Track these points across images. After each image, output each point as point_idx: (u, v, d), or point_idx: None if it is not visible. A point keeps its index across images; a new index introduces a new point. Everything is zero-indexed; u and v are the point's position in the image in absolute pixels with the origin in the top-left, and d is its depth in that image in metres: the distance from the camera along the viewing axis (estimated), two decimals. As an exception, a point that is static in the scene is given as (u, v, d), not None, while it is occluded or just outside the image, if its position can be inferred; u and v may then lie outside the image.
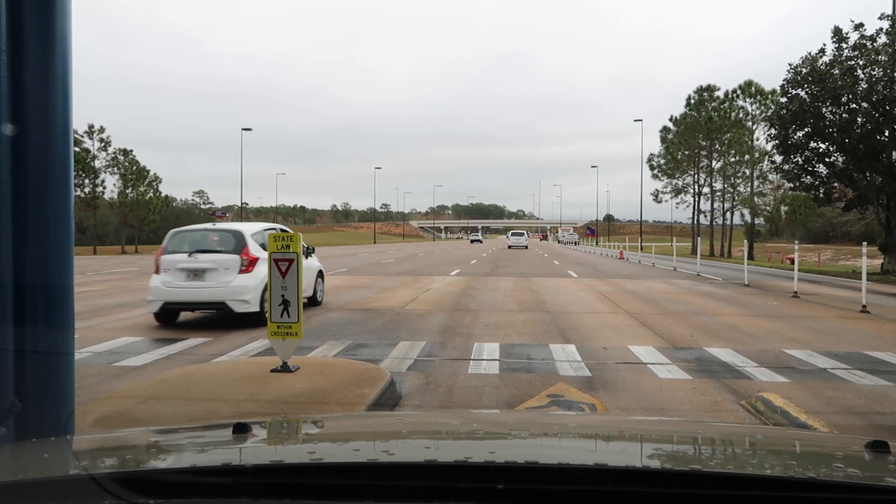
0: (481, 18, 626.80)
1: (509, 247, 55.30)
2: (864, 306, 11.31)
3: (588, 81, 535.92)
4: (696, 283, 17.57)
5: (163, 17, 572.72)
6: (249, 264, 9.18)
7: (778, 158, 24.22)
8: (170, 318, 9.44)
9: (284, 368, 5.37)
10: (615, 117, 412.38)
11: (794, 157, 22.94)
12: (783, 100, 22.44)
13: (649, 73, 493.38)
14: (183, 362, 6.51)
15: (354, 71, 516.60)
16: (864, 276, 12.21)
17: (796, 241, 15.20)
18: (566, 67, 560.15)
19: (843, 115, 20.93)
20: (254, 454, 1.40)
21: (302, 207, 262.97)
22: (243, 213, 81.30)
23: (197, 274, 9.10)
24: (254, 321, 8.92)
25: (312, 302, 11.18)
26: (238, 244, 9.36)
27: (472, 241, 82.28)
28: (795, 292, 14.03)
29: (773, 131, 23.16)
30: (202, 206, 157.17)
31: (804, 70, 21.30)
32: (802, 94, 21.47)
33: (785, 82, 21.87)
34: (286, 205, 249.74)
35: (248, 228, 9.85)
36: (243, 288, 9.01)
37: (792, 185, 25.12)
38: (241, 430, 1.41)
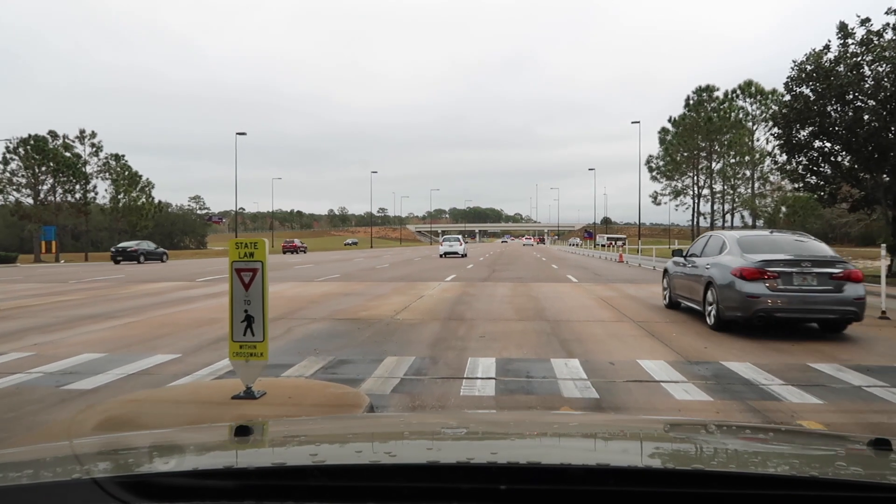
0: (483, 21, 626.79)
1: (524, 245, 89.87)
2: (883, 312, 10.67)
3: (589, 83, 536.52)
4: (701, 287, 16.94)
5: (165, 23, 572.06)
6: (461, 244, 42.51)
7: (781, 158, 23.60)
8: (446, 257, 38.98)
9: (248, 394, 4.68)
10: (615, 120, 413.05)
11: (799, 157, 22.33)
12: (787, 98, 21.82)
13: (651, 74, 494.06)
14: (141, 384, 5.81)
15: (356, 75, 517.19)
16: (883, 279, 11.57)
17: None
18: (567, 70, 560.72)
19: (849, 113, 20.33)
20: (255, 456, 1.39)
21: (299, 212, 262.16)
22: (241, 217, 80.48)
23: (451, 245, 41.26)
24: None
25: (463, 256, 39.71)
26: (461, 240, 43.82)
27: (502, 242, 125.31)
28: (807, 297, 13.34)
29: (776, 130, 22.54)
30: (199, 212, 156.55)
31: (808, 67, 20.70)
32: (807, 91, 20.87)
33: (789, 79, 21.25)
34: (283, 209, 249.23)
35: (460, 237, 44.74)
36: (462, 248, 42.32)
37: (796, 185, 24.48)
38: (243, 432, 1.42)
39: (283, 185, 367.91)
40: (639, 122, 53.82)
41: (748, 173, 41.16)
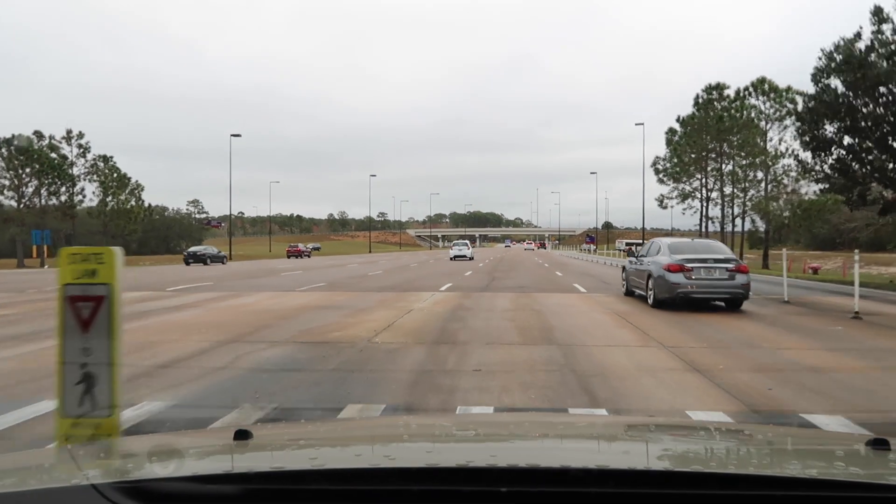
0: (484, 23, 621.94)
1: (525, 249, 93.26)
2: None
3: (590, 86, 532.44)
4: (726, 299, 15.06)
5: (165, 24, 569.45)
6: (468, 249, 48.38)
7: (805, 156, 21.79)
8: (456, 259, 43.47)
9: None
10: (616, 124, 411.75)
11: (824, 156, 20.52)
12: (813, 90, 19.98)
13: (653, 77, 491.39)
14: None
15: (357, 78, 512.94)
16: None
17: (856, 251, 12.74)
18: (568, 73, 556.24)
19: (882, 107, 18.53)
20: (256, 460, 1.38)
21: (298, 216, 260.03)
22: (240, 222, 78.80)
23: (460, 249, 46.88)
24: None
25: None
26: (468, 245, 50.25)
27: (506, 247, 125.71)
28: (857, 312, 11.54)
29: (800, 126, 20.75)
30: (197, 216, 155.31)
31: (839, 56, 18.91)
32: (836, 83, 19.08)
33: (816, 70, 19.47)
34: (283, 213, 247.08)
35: (468, 243, 52.36)
36: (470, 252, 47.57)
37: (821, 187, 22.66)
38: (243, 436, 1.41)
39: (283, 190, 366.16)
40: (643, 123, 52.21)
41: (760, 175, 39.20)
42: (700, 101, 41.55)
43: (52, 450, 1.62)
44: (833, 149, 19.72)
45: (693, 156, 43.06)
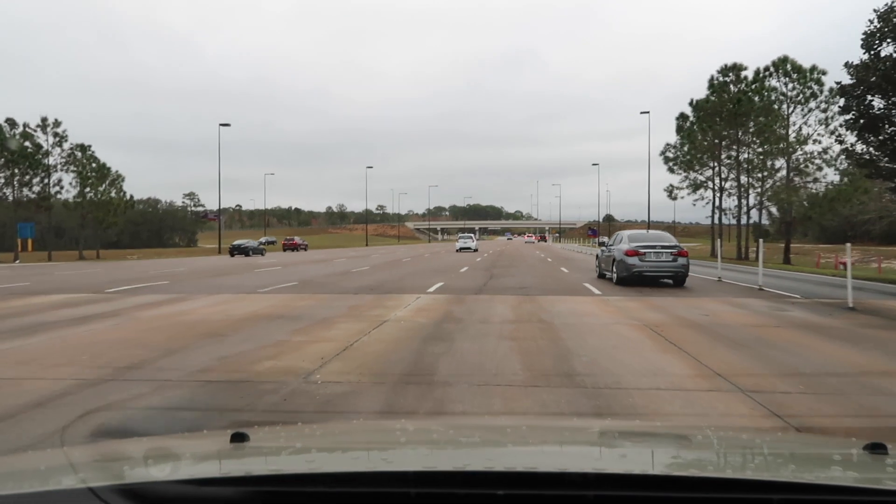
0: (484, 17, 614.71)
1: (525, 242, 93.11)
2: None
3: (591, 80, 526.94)
4: (776, 304, 12.32)
5: (164, 19, 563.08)
6: (473, 241, 52.12)
7: (850, 138, 19.05)
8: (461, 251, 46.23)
9: None
10: (617, 117, 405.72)
11: (871, 137, 17.81)
12: (862, 58, 17.23)
13: (655, 71, 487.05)
14: None
15: (356, 72, 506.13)
16: None
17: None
18: (570, 65, 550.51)
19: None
20: (253, 463, 1.39)
21: (297, 209, 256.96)
22: (238, 215, 76.15)
23: (465, 242, 49.70)
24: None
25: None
26: (473, 237, 55.15)
27: (507, 239, 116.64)
28: (962, 326, 8.90)
29: (844, 102, 18.05)
30: (194, 209, 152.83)
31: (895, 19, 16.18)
32: (890, 49, 16.37)
33: (866, 35, 16.74)
34: (281, 206, 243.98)
35: (472, 235, 57.93)
36: (474, 244, 51.51)
37: (867, 172, 19.96)
38: (239, 438, 1.41)
39: (282, 183, 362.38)
40: (648, 112, 49.55)
41: (779, 163, 36.36)
42: (715, 83, 38.66)
43: (48, 452, 1.56)
44: (886, 127, 17.03)
45: (706, 143, 40.24)
